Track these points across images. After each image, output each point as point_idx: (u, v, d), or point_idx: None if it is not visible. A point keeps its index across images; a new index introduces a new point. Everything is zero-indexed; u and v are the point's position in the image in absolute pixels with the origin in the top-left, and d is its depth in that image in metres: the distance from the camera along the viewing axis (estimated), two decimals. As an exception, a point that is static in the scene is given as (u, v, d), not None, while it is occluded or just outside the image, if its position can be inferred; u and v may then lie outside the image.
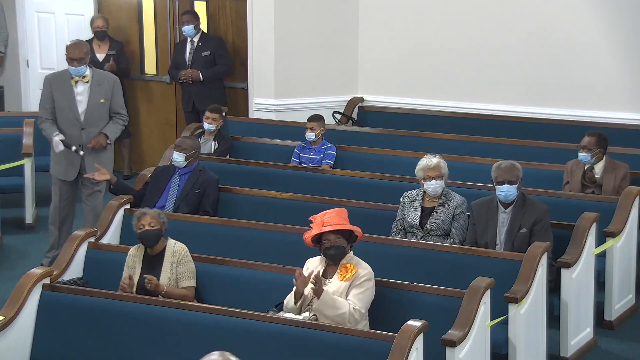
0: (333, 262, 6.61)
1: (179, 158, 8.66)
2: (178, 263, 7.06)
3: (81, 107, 8.84)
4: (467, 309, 6.30)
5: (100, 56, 11.78)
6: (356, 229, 6.62)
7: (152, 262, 7.12)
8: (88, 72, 8.84)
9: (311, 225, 6.64)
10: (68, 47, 8.83)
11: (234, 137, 10.35)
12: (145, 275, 6.94)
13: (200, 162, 8.82)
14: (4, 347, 6.62)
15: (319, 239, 6.61)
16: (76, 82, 8.80)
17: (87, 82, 8.82)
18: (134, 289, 7.02)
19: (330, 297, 6.40)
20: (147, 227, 7.09)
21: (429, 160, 7.90)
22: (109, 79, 8.99)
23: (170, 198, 8.61)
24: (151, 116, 12.25)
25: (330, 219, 6.56)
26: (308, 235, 6.62)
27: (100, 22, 11.81)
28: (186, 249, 7.16)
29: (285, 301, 6.61)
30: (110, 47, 11.82)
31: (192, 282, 7.08)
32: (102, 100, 8.85)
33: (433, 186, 7.84)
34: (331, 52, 11.51)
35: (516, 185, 7.54)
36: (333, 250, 6.57)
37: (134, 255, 7.19)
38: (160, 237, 7.14)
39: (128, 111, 11.95)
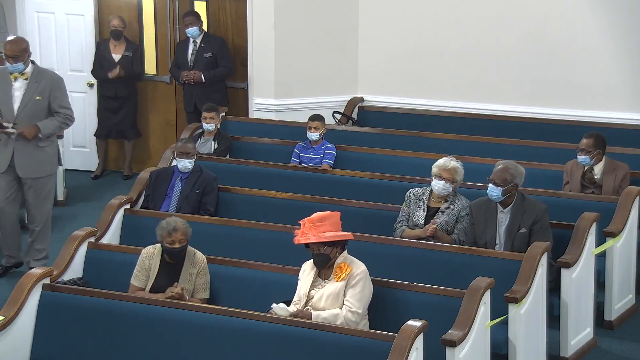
0: (318, 268, 6.63)
1: (189, 165, 8.68)
2: (198, 274, 7.04)
3: (16, 103, 8.71)
4: (467, 309, 6.30)
5: (116, 57, 11.78)
6: (335, 237, 6.55)
7: (171, 269, 7.06)
8: (28, 69, 8.72)
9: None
10: (5, 44, 8.75)
11: (234, 137, 10.35)
12: (180, 287, 6.86)
13: (197, 163, 8.82)
14: (4, 347, 6.63)
15: (306, 243, 6.62)
16: (15, 78, 8.70)
17: (25, 79, 8.70)
18: (148, 290, 7.04)
19: (319, 318, 6.42)
20: (177, 245, 7.00)
21: (448, 162, 7.92)
22: (49, 76, 8.83)
23: (173, 202, 8.63)
24: (151, 116, 12.24)
25: (309, 229, 6.54)
26: (295, 240, 6.64)
27: (116, 21, 11.80)
28: (205, 260, 7.10)
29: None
30: (126, 48, 11.82)
31: (207, 294, 7.05)
32: (37, 98, 8.71)
33: (439, 186, 7.86)
34: (331, 52, 11.51)
35: (501, 188, 7.52)
36: (316, 258, 6.60)
37: (150, 259, 7.12)
38: (186, 250, 7.10)
39: (136, 111, 12.08)
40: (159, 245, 7.12)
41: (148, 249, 7.19)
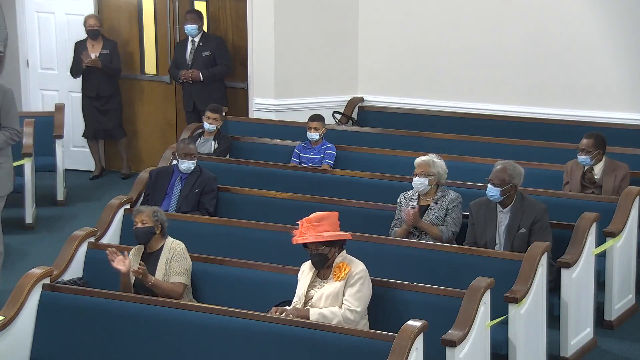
0: (316, 268, 6.63)
1: (192, 165, 8.70)
2: (172, 259, 7.09)
3: None
4: (467, 309, 6.30)
5: (94, 55, 11.77)
6: (333, 237, 6.55)
7: (149, 260, 7.16)
8: None
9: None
10: None
11: (234, 137, 10.35)
12: (140, 262, 7.01)
13: (197, 163, 8.83)
14: (4, 347, 6.63)
15: (305, 243, 6.62)
16: None
17: None
18: (132, 282, 7.08)
19: (317, 315, 6.42)
20: (139, 225, 7.16)
21: (419, 158, 8.02)
22: (2, 89, 8.25)
23: (172, 201, 8.64)
24: (151, 116, 12.25)
25: (307, 229, 6.54)
26: (294, 240, 6.64)
27: (92, 20, 11.80)
28: (183, 246, 7.19)
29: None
30: (103, 46, 11.81)
31: (183, 279, 7.07)
32: None
33: (415, 183, 7.94)
34: (331, 52, 11.51)
35: (500, 189, 7.53)
36: (314, 258, 6.60)
37: (134, 255, 7.23)
38: (152, 235, 7.16)
39: (122, 110, 12.05)
40: None
41: (133, 249, 7.31)
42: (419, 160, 8.01)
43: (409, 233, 7.85)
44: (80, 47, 11.84)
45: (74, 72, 11.89)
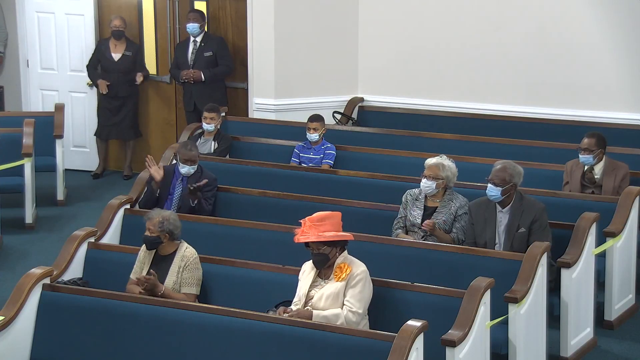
0: (317, 267, 6.63)
1: (192, 170, 8.69)
2: (184, 268, 7.07)
3: None
4: (467, 309, 6.30)
5: (116, 56, 11.80)
6: (335, 237, 6.55)
7: (161, 263, 7.14)
8: None
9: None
10: None
11: (234, 137, 10.35)
12: (150, 270, 7.00)
13: (199, 163, 8.83)
14: (4, 347, 6.63)
15: (306, 243, 6.62)
16: None
17: None
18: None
19: (319, 317, 6.42)
20: (147, 233, 7.15)
21: (430, 159, 7.96)
22: None
23: (174, 202, 8.64)
24: (151, 116, 12.25)
25: (310, 228, 6.54)
26: (295, 239, 6.64)
27: (117, 21, 11.83)
28: (196, 255, 7.16)
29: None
30: (126, 48, 11.83)
31: (194, 290, 7.08)
32: None
33: (423, 185, 7.89)
34: (331, 52, 11.51)
35: (500, 188, 7.53)
36: (315, 257, 6.60)
37: (146, 251, 7.22)
38: (158, 244, 7.14)
39: (137, 111, 12.06)
40: None
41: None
42: (429, 162, 7.95)
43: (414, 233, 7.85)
44: (102, 46, 11.88)
45: (90, 73, 11.93)
